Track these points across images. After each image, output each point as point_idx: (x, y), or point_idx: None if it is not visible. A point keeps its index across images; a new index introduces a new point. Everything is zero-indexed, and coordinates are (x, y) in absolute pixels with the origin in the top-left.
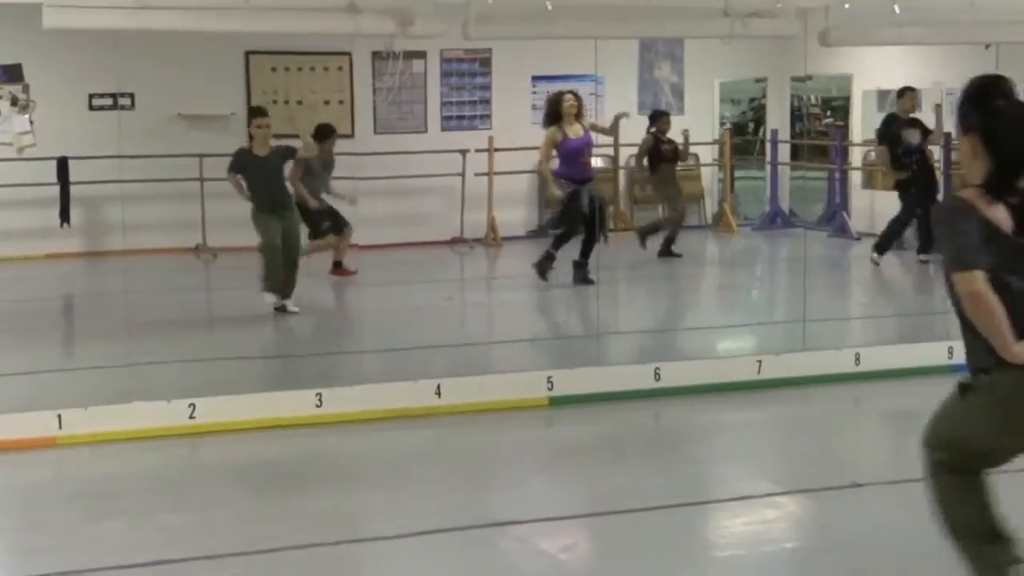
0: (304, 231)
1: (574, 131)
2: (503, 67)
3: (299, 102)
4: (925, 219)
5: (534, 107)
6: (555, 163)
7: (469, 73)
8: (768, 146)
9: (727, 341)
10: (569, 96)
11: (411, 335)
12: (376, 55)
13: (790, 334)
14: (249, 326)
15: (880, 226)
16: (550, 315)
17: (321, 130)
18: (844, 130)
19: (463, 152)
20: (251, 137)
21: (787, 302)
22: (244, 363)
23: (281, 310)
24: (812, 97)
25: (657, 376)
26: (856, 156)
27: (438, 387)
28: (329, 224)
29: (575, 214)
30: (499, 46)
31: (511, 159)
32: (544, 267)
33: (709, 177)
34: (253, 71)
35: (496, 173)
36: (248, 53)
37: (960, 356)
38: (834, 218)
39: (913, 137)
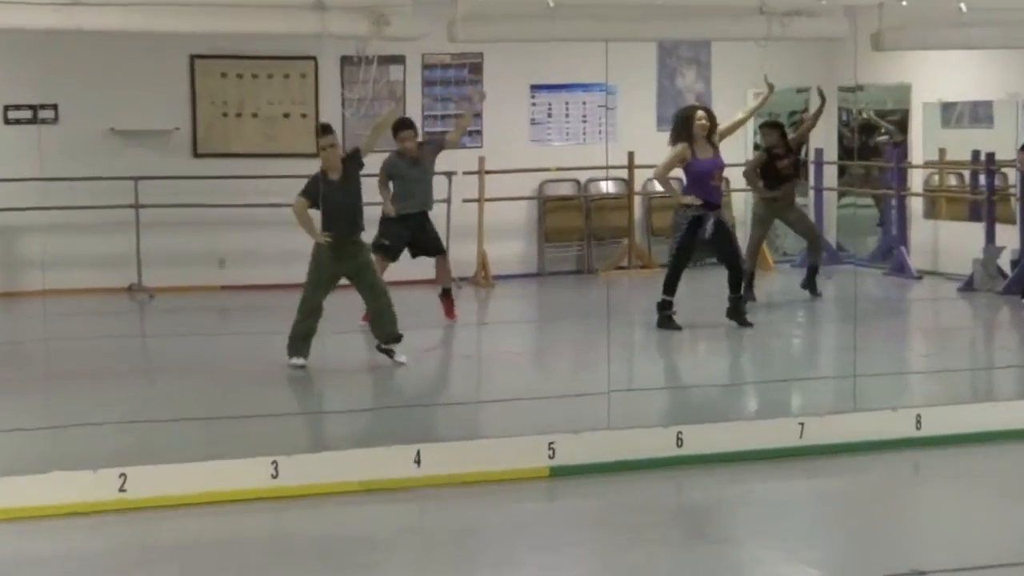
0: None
1: (703, 151)
2: (496, 74)
3: (254, 115)
4: None
5: (533, 121)
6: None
7: (456, 81)
8: (812, 168)
9: (763, 400)
10: (701, 113)
11: (385, 392)
12: (346, 60)
13: (838, 391)
14: (192, 380)
15: (945, 263)
16: (552, 368)
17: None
18: (903, 149)
19: (449, 175)
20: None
21: (835, 353)
22: (186, 425)
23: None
24: (864, 111)
25: (680, 442)
26: (916, 180)
27: (418, 454)
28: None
29: (690, 245)
30: (491, 50)
31: (506, 183)
32: (666, 321)
33: (741, 204)
34: (199, 78)
35: (488, 200)
36: (194, 57)
37: None
38: (890, 253)
39: None
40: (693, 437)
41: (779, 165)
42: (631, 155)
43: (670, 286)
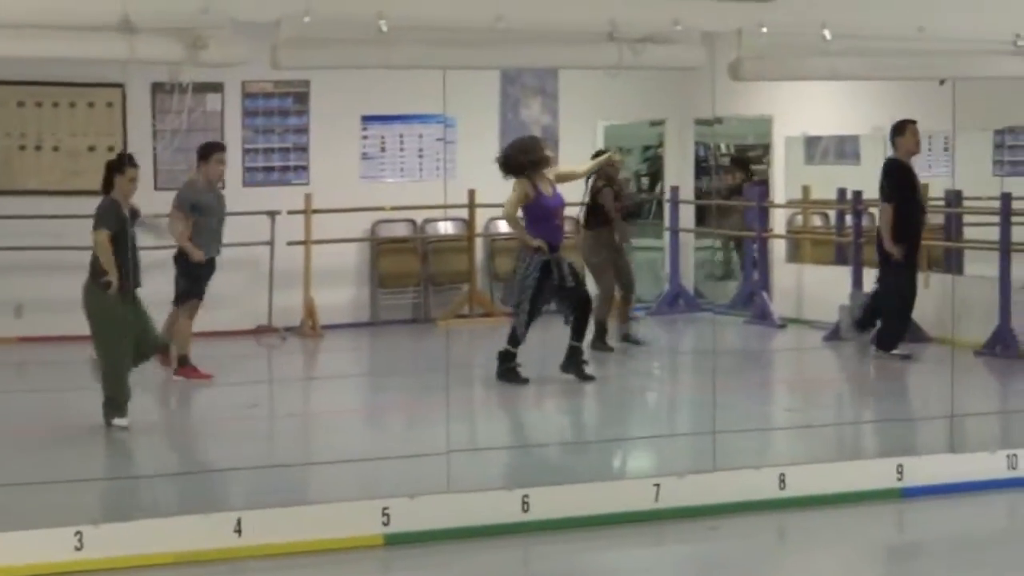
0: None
1: (546, 187)
2: (324, 105)
3: (55, 148)
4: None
5: (364, 156)
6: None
7: (280, 112)
8: (667, 207)
9: (616, 459)
10: (545, 143)
11: (203, 454)
12: (158, 87)
13: (697, 449)
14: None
15: (810, 310)
16: (385, 427)
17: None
18: (764, 187)
19: (272, 214)
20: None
21: (693, 407)
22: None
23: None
24: (723, 145)
25: (525, 506)
26: (779, 220)
27: (238, 522)
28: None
29: (541, 291)
30: (319, 78)
31: (334, 224)
32: (510, 374)
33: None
34: None
35: (315, 242)
36: None
37: (912, 478)
38: (751, 300)
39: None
40: (540, 500)
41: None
42: (472, 193)
43: (517, 337)
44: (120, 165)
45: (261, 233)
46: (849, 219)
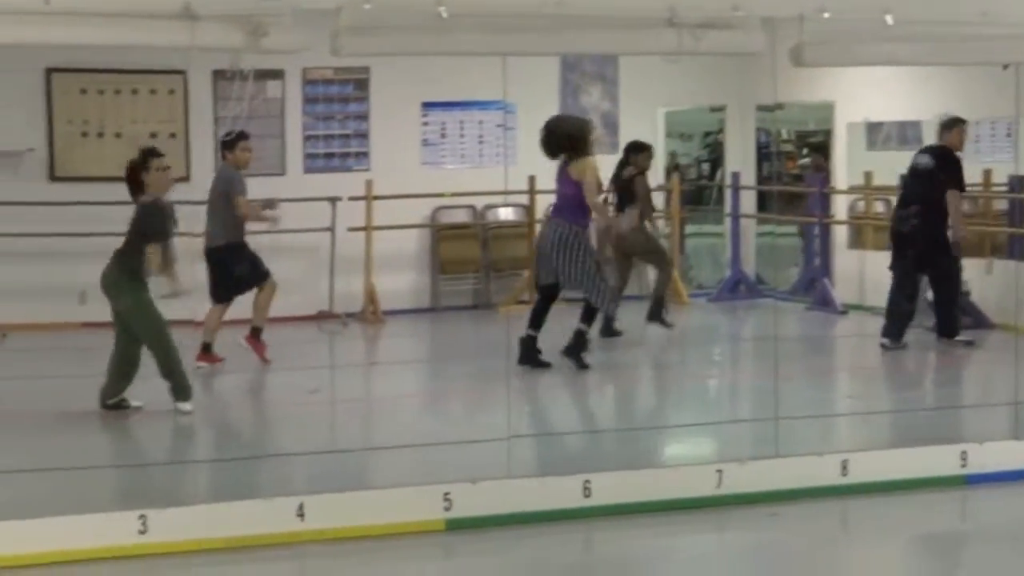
0: None
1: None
2: (385, 91)
3: (117, 135)
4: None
5: (425, 142)
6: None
7: (340, 98)
8: (728, 194)
9: (677, 446)
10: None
11: (264, 440)
12: (219, 75)
13: (759, 436)
14: (52, 428)
15: (872, 296)
16: (447, 412)
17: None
18: (825, 173)
19: (333, 200)
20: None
21: (755, 394)
22: (41, 477)
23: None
24: (784, 131)
25: (587, 491)
26: (840, 207)
27: (300, 507)
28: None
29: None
30: (379, 64)
31: (395, 210)
32: (579, 351)
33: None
34: (56, 94)
35: (376, 228)
36: (50, 71)
37: (976, 465)
38: (812, 286)
39: None
40: (602, 486)
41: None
42: (532, 179)
43: (592, 318)
44: (145, 161)
45: (322, 219)
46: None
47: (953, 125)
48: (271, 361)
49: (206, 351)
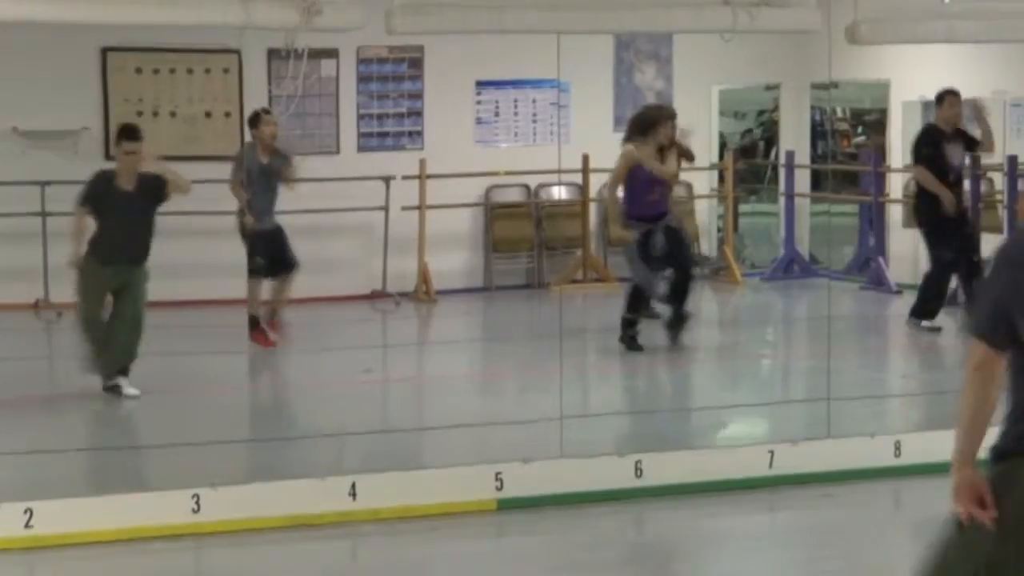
0: None
1: (650, 161)
2: (438, 70)
3: (172, 114)
4: (966, 268)
5: (479, 120)
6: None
7: (394, 77)
8: (782, 172)
9: (729, 426)
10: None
11: (317, 419)
12: (273, 54)
13: (811, 417)
14: (104, 406)
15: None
16: (499, 392)
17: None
18: (880, 152)
19: (386, 179)
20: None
21: (807, 375)
22: (96, 456)
23: (112, 391)
24: (839, 110)
25: (639, 471)
26: (896, 185)
27: (353, 486)
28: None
29: (647, 261)
30: (433, 42)
31: (449, 188)
32: (629, 341)
33: (706, 212)
34: (112, 74)
35: (430, 207)
36: (105, 50)
37: None
38: (867, 265)
39: (955, 155)
40: (653, 466)
41: None
42: (586, 158)
43: (637, 304)
44: (117, 139)
45: (376, 198)
46: (967, 184)
47: (942, 99)
48: (275, 344)
49: (253, 326)
